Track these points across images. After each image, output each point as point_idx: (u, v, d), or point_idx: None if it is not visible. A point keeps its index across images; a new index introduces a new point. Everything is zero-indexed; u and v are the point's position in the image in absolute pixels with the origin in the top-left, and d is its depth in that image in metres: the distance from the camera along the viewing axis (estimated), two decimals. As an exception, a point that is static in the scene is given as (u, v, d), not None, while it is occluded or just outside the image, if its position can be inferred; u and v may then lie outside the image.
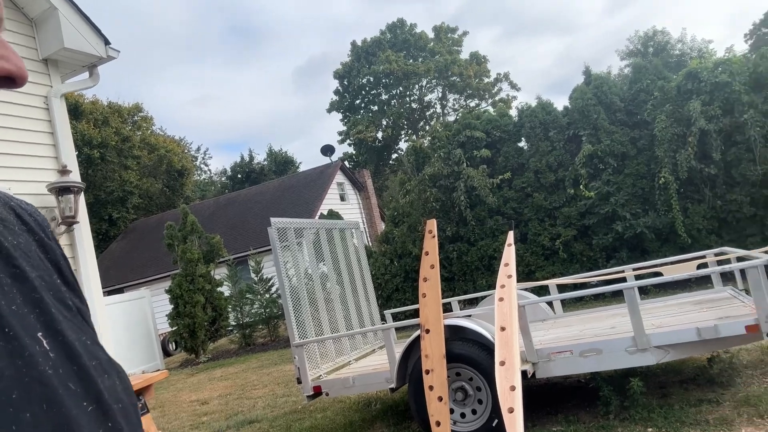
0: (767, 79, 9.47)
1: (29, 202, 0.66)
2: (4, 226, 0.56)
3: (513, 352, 4.04)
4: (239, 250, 19.09)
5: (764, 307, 3.77)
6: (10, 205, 0.61)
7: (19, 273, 0.52)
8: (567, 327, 5.63)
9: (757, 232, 9.48)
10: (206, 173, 40.98)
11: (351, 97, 35.95)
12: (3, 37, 0.55)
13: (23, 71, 0.55)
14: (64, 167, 4.83)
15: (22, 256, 0.54)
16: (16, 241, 0.56)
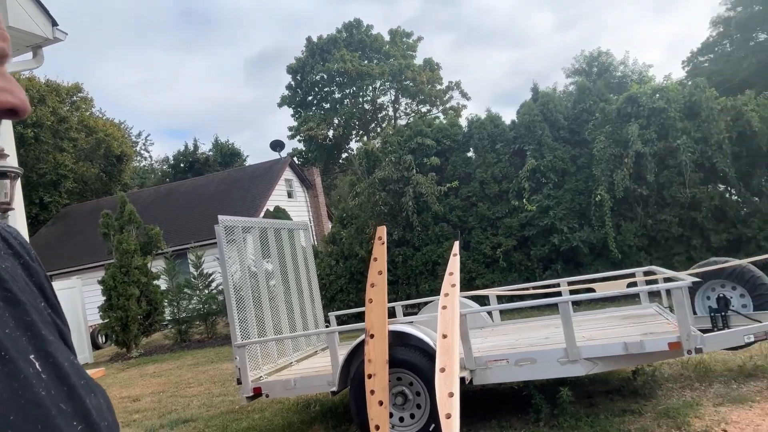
0: (700, 107, 10.12)
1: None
2: None
3: (453, 360, 4.17)
4: (179, 242, 18.56)
5: (686, 326, 4.06)
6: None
7: (10, 296, 0.54)
8: (504, 335, 5.84)
9: (683, 251, 10.11)
10: (146, 160, 39.58)
11: (303, 93, 35.66)
12: (5, 71, 0.57)
13: (26, 104, 0.57)
14: (1, 151, 4.60)
15: (11, 280, 0.56)
16: (4, 264, 0.57)
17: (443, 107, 35.84)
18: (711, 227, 9.99)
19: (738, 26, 27.78)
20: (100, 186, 29.40)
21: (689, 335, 4.09)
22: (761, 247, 9.60)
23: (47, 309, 0.60)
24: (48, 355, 0.53)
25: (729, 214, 9.97)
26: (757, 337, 4.30)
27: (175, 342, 13.95)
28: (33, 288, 0.60)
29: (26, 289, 0.58)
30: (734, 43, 29.06)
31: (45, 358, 0.52)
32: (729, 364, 5.35)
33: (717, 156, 9.83)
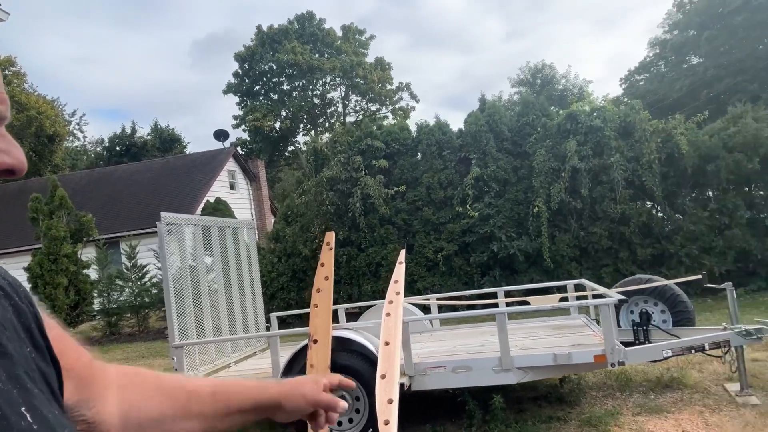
0: (634, 128, 10.71)
1: None
2: None
3: (394, 367, 4.27)
4: (112, 230, 17.86)
5: (610, 341, 4.34)
6: None
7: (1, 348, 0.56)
8: (442, 341, 6.02)
9: (611, 263, 10.68)
10: (80, 141, 37.70)
11: (251, 82, 34.93)
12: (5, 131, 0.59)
13: (23, 165, 0.59)
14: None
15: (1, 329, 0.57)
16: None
17: (392, 107, 36.05)
18: (638, 242, 10.60)
19: (673, 49, 29.47)
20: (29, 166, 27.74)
21: (613, 349, 4.38)
22: (682, 263, 10.30)
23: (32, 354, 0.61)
24: (35, 408, 0.55)
25: (654, 230, 10.61)
26: (675, 352, 4.64)
27: (104, 334, 13.43)
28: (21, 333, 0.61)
29: (14, 336, 0.59)
30: (669, 64, 30.81)
31: (33, 411, 0.54)
32: (648, 375, 5.73)
33: (646, 175, 10.43)
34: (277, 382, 0.99)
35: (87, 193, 21.50)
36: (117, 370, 0.84)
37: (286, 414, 0.98)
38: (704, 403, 4.80)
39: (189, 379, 0.93)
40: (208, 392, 0.90)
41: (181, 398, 0.87)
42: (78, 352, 0.74)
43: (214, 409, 0.89)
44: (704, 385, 5.28)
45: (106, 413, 0.77)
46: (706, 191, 10.94)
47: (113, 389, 0.80)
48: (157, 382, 0.87)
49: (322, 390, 1.00)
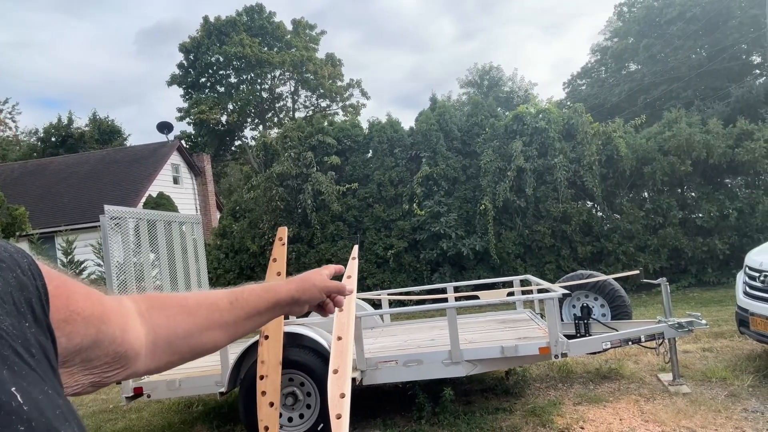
0: (576, 130, 11.13)
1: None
2: None
3: (346, 362, 4.29)
4: (47, 224, 17.01)
5: (555, 334, 4.51)
6: None
7: None
8: (393, 336, 6.08)
9: (554, 260, 11.07)
10: (11, 130, 35.64)
11: (196, 73, 33.96)
12: None
13: None
14: None
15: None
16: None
17: (343, 104, 35.91)
18: (578, 240, 11.03)
19: (613, 56, 30.73)
20: (-49, 155, 26.03)
21: (557, 341, 4.56)
22: (619, 260, 10.79)
23: (32, 328, 0.60)
24: (25, 389, 0.54)
25: (594, 229, 11.07)
26: (614, 344, 4.87)
27: (38, 333, 12.79)
28: (22, 306, 0.60)
29: (12, 311, 0.59)
30: (609, 70, 32.11)
31: (23, 391, 0.54)
32: (588, 366, 5.99)
33: (587, 176, 10.87)
34: (286, 281, 1.07)
35: (20, 185, 20.38)
36: (134, 299, 0.87)
37: (301, 306, 1.07)
38: (640, 393, 5.06)
39: (207, 293, 0.98)
40: (226, 302, 0.96)
41: (202, 313, 0.92)
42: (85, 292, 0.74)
43: (235, 316, 0.96)
44: (640, 375, 5.57)
45: (133, 340, 0.80)
46: (642, 192, 11.51)
47: (134, 318, 0.83)
48: (178, 302, 0.92)
49: (327, 278, 1.11)
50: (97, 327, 0.73)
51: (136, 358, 0.81)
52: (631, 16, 30.07)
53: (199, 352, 0.93)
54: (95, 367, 0.74)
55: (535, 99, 14.25)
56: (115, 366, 0.77)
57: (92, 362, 0.73)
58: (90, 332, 0.71)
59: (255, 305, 0.99)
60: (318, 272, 1.12)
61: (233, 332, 0.97)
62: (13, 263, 0.63)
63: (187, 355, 0.91)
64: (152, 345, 0.84)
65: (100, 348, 0.74)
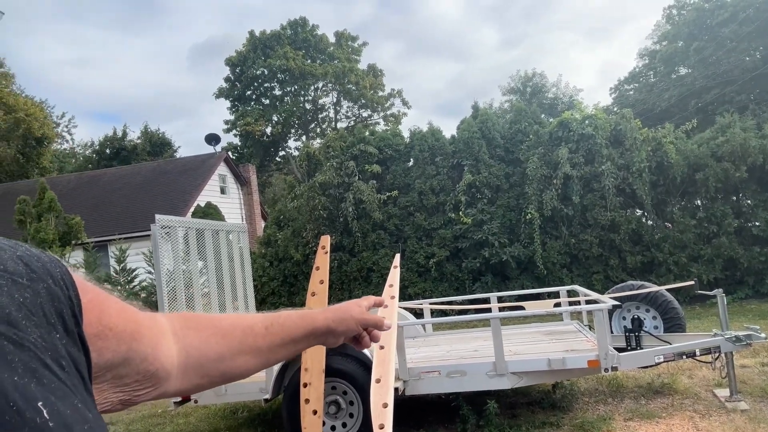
0: (624, 136, 10.83)
1: None
2: (13, 281, 0.57)
3: (389, 371, 4.27)
4: (101, 233, 17.69)
5: (604, 347, 4.37)
6: (18, 254, 0.61)
7: (19, 338, 0.54)
8: (435, 346, 6.02)
9: (601, 270, 10.76)
10: (68, 143, 37.36)
11: (242, 87, 34.87)
12: None
13: None
14: None
15: (27, 316, 0.56)
16: (22, 297, 0.57)
17: (384, 113, 36.13)
18: (627, 249, 10.69)
19: (662, 59, 29.85)
20: (15, 168, 27.48)
21: (607, 354, 4.41)
22: (670, 270, 10.40)
23: (63, 340, 0.59)
24: (53, 403, 0.53)
25: (644, 238, 10.71)
26: (667, 357, 4.68)
27: (92, 338, 13.28)
28: (52, 317, 0.59)
29: (42, 322, 0.58)
30: (658, 74, 31.19)
31: (51, 406, 0.53)
32: (639, 380, 5.77)
33: (637, 183, 10.54)
34: (322, 310, 1.04)
35: (76, 196, 21.31)
36: (169, 318, 0.86)
37: (336, 337, 1.04)
38: (694, 409, 4.84)
39: (243, 317, 0.96)
40: (261, 327, 0.94)
41: (236, 336, 0.90)
42: (119, 307, 0.73)
43: (269, 342, 0.93)
44: (694, 390, 5.33)
45: (164, 359, 0.79)
46: (694, 200, 11.07)
47: (168, 335, 0.82)
48: (212, 323, 0.91)
49: (366, 311, 1.07)
50: (129, 344, 0.72)
51: (167, 378, 0.80)
52: (680, 19, 29.15)
53: (229, 376, 0.91)
54: (126, 384, 0.73)
55: (580, 105, 13.94)
56: (145, 384, 0.76)
57: (123, 380, 0.73)
58: (121, 349, 0.70)
59: (290, 332, 0.96)
60: (356, 303, 1.09)
61: (266, 359, 0.95)
62: (44, 273, 0.62)
63: (217, 378, 0.90)
64: (183, 366, 0.83)
65: (131, 365, 0.73)
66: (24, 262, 0.61)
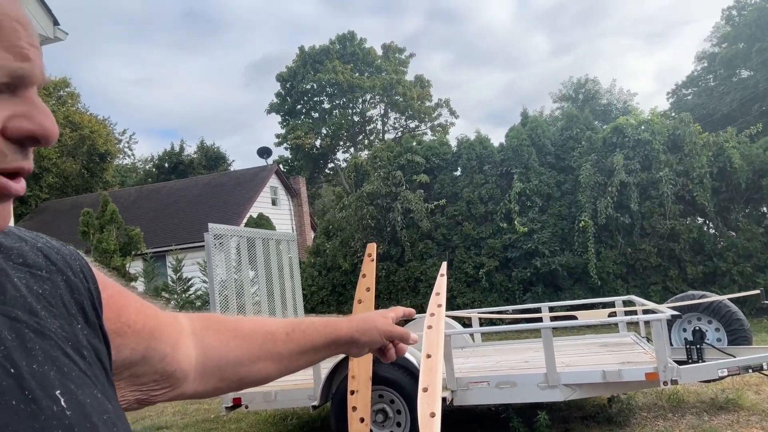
0: (683, 141, 10.40)
1: None
2: (31, 274, 0.57)
3: (436, 380, 4.21)
4: (158, 244, 18.37)
5: (663, 358, 4.17)
6: (38, 246, 0.62)
7: (40, 327, 0.54)
8: (484, 357, 5.91)
9: (660, 281, 10.32)
10: (129, 158, 39.12)
11: (293, 101, 35.67)
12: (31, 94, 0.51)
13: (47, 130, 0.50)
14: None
15: (46, 307, 0.56)
16: (41, 289, 0.57)
17: (431, 124, 36.12)
18: (688, 259, 10.22)
19: (722, 62, 28.59)
20: (80, 182, 28.98)
21: (666, 367, 4.20)
22: (735, 281, 9.86)
23: (84, 330, 0.59)
24: (72, 392, 0.53)
25: (706, 248, 10.22)
26: (731, 371, 4.42)
27: (150, 345, 13.75)
28: (72, 309, 0.59)
29: (63, 313, 0.58)
30: (717, 78, 29.89)
31: (70, 394, 0.52)
32: (701, 395, 5.48)
33: (697, 190, 10.09)
34: (347, 319, 1.01)
35: (136, 208, 22.26)
36: (190, 318, 0.85)
37: (359, 348, 1.00)
38: (762, 426, 4.55)
39: (264, 321, 0.95)
40: (282, 333, 0.91)
41: (257, 341, 0.89)
42: (138, 305, 0.73)
43: (289, 349, 0.91)
44: (762, 407, 5.01)
45: (183, 359, 0.78)
46: (760, 206, 10.50)
47: (187, 336, 0.80)
48: (233, 326, 0.89)
49: (392, 322, 1.03)
50: (147, 342, 0.71)
51: (185, 379, 0.79)
52: (741, 20, 27.88)
53: (247, 382, 0.89)
54: (143, 384, 0.73)
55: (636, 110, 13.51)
56: (163, 384, 0.75)
57: (140, 378, 0.72)
58: (139, 347, 0.70)
59: (312, 339, 0.93)
60: (382, 314, 1.04)
61: (285, 366, 0.92)
62: (64, 265, 0.62)
63: (235, 383, 0.88)
64: (202, 367, 0.81)
65: (149, 364, 0.72)
66: (44, 254, 0.61)
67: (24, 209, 25.58)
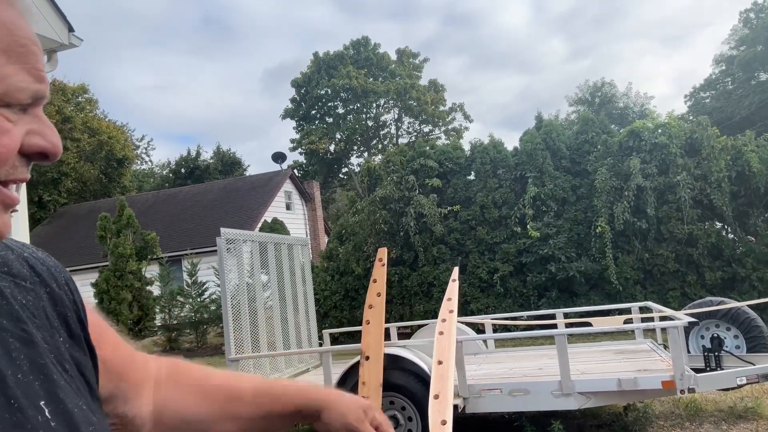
0: (701, 145, 10.24)
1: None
2: (16, 284, 0.58)
3: (447, 387, 4.16)
4: (174, 248, 18.53)
5: (680, 366, 4.07)
6: (24, 256, 0.62)
7: (27, 336, 0.54)
8: (497, 363, 5.84)
9: (678, 287, 10.14)
10: (147, 164, 39.57)
11: (307, 106, 35.87)
12: (41, 113, 0.55)
13: (57, 148, 0.55)
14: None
15: (29, 317, 0.56)
16: (26, 299, 0.58)
17: (445, 128, 36.06)
18: (706, 264, 10.03)
19: (741, 65, 28.19)
20: (99, 187, 29.38)
21: (683, 375, 4.11)
22: (754, 287, 9.66)
23: (66, 343, 0.59)
24: (59, 401, 0.53)
25: (725, 253, 10.03)
26: (750, 379, 4.32)
27: (165, 349, 13.84)
28: (55, 320, 0.60)
29: (45, 324, 0.58)
30: (736, 81, 29.47)
31: (55, 404, 0.52)
32: (720, 404, 5.35)
33: (715, 194, 9.92)
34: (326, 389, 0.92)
35: (152, 213, 22.49)
36: (159, 364, 0.81)
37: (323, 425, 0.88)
38: (786, 438, 4.42)
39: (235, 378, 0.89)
40: (250, 395, 0.85)
41: (219, 399, 0.83)
42: (115, 343, 0.72)
43: (251, 412, 0.85)
44: (785, 417, 4.88)
45: (144, 407, 0.75)
46: (781, 211, 10.28)
47: (150, 384, 0.78)
48: (199, 380, 0.84)
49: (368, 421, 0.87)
50: (116, 382, 0.70)
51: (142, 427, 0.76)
52: (759, 23, 27.49)
53: None
54: None
55: (652, 113, 13.36)
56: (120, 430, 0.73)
57: None
58: (108, 385, 0.68)
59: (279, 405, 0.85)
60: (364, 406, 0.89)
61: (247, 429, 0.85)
62: (49, 277, 0.62)
63: None
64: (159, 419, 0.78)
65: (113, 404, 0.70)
66: (29, 264, 0.62)
67: (43, 214, 25.98)
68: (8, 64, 0.50)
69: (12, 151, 0.51)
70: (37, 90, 0.52)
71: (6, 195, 0.51)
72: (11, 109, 0.51)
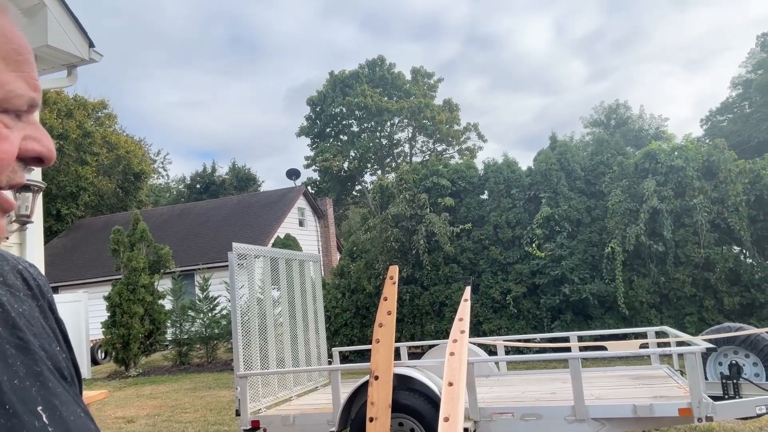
0: (718, 168, 10.11)
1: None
2: (11, 294, 0.59)
3: (458, 409, 4.09)
4: (187, 263, 18.61)
5: (697, 393, 3.96)
6: (18, 269, 0.64)
7: (23, 344, 0.55)
8: (509, 386, 5.73)
9: (695, 311, 9.94)
10: (163, 178, 40.04)
11: (322, 124, 36.18)
12: (35, 120, 0.58)
13: (52, 153, 0.57)
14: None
15: (26, 325, 0.57)
16: (21, 308, 0.58)
17: (459, 147, 36.11)
18: (724, 289, 9.84)
19: (758, 89, 27.96)
20: (115, 201, 29.73)
21: (700, 402, 3.99)
22: (775, 313, 9.43)
23: (63, 353, 0.61)
24: (55, 407, 0.53)
25: (743, 278, 9.84)
26: (771, 409, 4.18)
27: (174, 364, 13.83)
28: (49, 332, 0.61)
29: (42, 333, 0.59)
30: (753, 105, 29.21)
31: (52, 410, 0.53)
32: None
33: (733, 217, 9.76)
34: None
35: (167, 227, 22.67)
36: None
37: None
38: (810, 471, 4.26)
39: None
40: None
41: None
42: None
43: None
44: (809, 450, 4.71)
45: None
46: (801, 236, 10.07)
47: None
48: None
49: None
50: None
51: None
52: (778, 45, 27.32)
53: None
54: None
55: (669, 135, 13.25)
56: None
57: None
58: None
59: None
60: None
61: None
62: (39, 293, 0.64)
63: None
64: None
65: None
66: (23, 277, 0.63)
67: (60, 227, 26.31)
68: (7, 71, 0.52)
69: (12, 156, 0.52)
70: (33, 98, 0.54)
71: (4, 199, 0.53)
72: (8, 115, 0.52)
